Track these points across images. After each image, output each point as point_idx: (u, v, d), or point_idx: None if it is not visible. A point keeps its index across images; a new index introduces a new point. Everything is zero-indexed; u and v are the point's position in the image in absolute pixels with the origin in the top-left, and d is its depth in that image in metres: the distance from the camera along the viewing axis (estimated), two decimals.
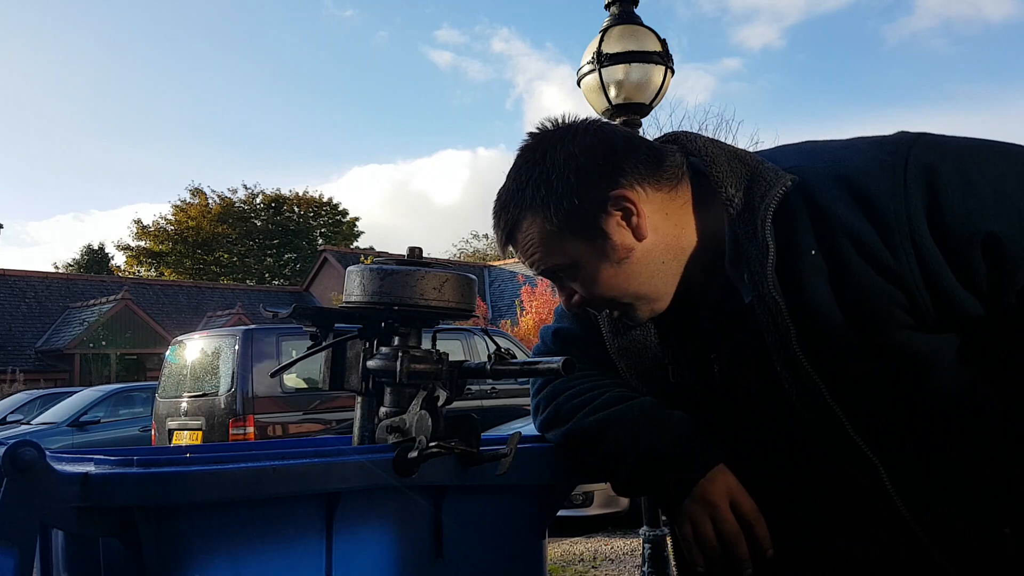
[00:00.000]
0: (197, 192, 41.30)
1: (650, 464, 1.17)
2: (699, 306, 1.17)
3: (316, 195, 42.95)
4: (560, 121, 1.18)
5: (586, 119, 1.18)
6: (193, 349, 8.14)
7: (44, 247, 72.30)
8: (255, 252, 42.15)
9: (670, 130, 1.24)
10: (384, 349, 1.24)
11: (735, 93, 61.20)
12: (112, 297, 25.16)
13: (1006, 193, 0.97)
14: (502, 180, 1.19)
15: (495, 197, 1.19)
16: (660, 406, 1.21)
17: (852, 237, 1.00)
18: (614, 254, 1.12)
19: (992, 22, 61.81)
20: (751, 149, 1.19)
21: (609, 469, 1.21)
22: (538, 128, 1.19)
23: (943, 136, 1.05)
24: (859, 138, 1.11)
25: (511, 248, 1.18)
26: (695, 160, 1.16)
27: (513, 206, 1.15)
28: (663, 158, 1.14)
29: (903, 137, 1.05)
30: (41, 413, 13.56)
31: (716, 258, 1.12)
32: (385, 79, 72.93)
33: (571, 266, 1.15)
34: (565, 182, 1.11)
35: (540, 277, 1.32)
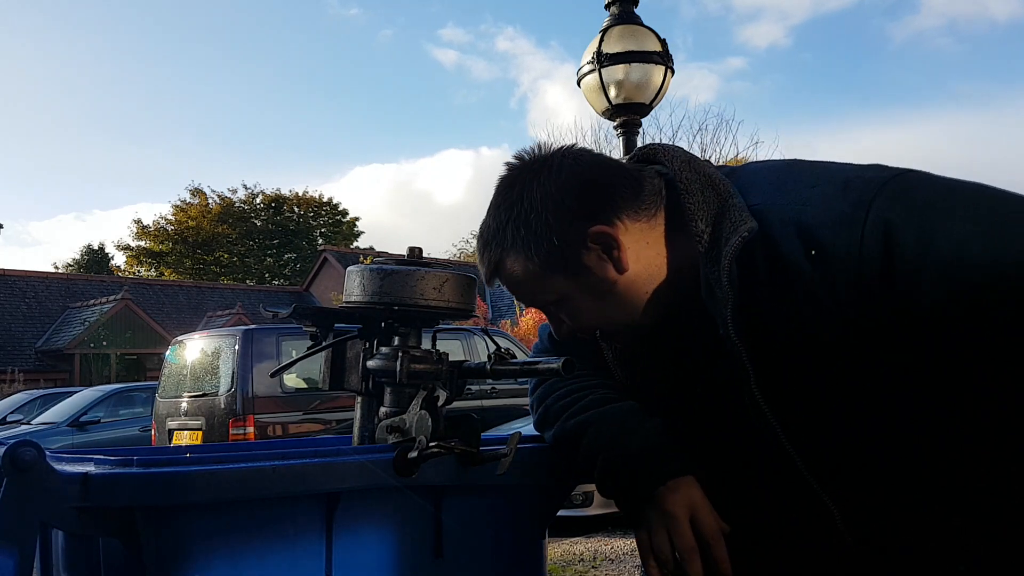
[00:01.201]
0: (197, 192, 41.38)
1: (616, 467, 1.17)
2: (683, 328, 1.17)
3: (316, 195, 43.06)
4: (537, 152, 1.16)
5: (563, 149, 1.16)
6: (193, 349, 8.14)
7: (44, 247, 72.40)
8: (255, 252, 42.18)
9: (669, 130, 1.24)
10: (384, 349, 1.24)
11: (739, 92, 60.82)
12: (112, 297, 25.17)
13: (964, 258, 0.93)
14: None
15: (478, 232, 1.19)
16: (639, 412, 1.21)
17: (807, 288, 1.01)
18: (598, 288, 1.12)
19: (998, 21, 61.63)
20: (751, 149, 1.18)
21: (588, 471, 1.21)
22: (516, 159, 1.17)
23: (916, 181, 1.01)
24: (831, 174, 1.06)
25: (497, 282, 1.19)
26: (670, 176, 1.15)
27: (495, 245, 1.15)
28: (642, 187, 1.13)
29: (871, 182, 1.01)
30: (41, 413, 13.57)
31: (694, 285, 1.12)
32: (389, 78, 72.93)
33: (557, 301, 1.16)
34: (543, 222, 1.10)
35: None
